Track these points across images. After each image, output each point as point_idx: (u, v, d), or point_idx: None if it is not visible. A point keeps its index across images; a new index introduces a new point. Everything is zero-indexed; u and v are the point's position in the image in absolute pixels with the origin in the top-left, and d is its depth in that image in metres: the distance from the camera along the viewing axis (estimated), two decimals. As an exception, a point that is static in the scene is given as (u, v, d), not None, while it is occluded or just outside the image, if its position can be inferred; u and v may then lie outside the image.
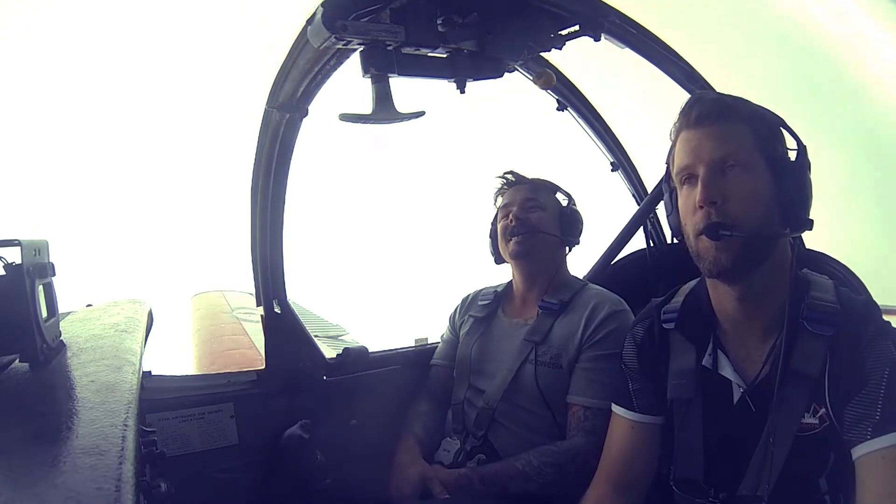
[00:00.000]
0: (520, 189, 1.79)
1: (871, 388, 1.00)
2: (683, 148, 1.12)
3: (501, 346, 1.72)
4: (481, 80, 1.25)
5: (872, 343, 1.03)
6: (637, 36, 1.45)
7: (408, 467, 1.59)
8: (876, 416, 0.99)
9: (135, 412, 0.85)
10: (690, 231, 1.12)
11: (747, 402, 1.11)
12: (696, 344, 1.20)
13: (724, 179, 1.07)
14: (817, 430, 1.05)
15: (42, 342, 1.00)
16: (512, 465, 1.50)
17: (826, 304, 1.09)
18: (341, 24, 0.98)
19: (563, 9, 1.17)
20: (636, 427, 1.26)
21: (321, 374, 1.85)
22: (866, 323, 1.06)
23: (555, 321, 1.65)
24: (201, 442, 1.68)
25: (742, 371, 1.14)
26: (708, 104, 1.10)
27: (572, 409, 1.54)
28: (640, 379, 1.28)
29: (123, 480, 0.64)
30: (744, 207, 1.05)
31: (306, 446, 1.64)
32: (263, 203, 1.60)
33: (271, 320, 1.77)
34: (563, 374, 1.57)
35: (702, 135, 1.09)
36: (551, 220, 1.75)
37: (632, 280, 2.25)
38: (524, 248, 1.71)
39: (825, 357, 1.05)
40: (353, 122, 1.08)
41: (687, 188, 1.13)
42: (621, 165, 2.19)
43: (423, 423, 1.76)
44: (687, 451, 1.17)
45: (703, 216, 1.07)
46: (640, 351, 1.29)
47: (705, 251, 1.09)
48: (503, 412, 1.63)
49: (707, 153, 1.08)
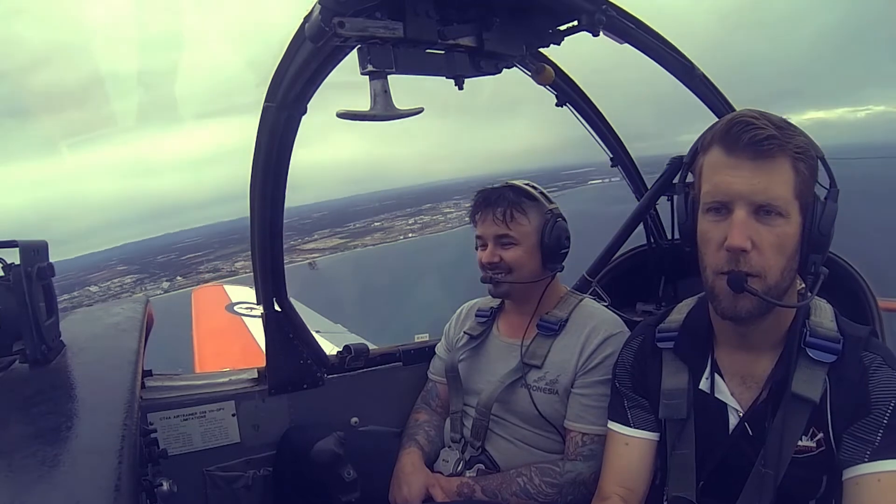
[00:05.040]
0: (492, 219, 1.62)
1: (875, 416, 1.00)
2: (721, 172, 1.03)
3: (496, 366, 1.68)
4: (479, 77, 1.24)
5: (878, 373, 1.03)
6: (635, 31, 1.44)
7: (411, 474, 1.59)
8: (876, 442, 0.99)
9: (135, 412, 0.85)
10: (710, 266, 1.06)
11: (744, 427, 1.12)
12: (692, 365, 1.20)
13: (759, 224, 1.01)
14: (813, 454, 1.05)
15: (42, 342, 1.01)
16: (513, 480, 1.51)
17: (827, 331, 1.08)
18: (339, 20, 0.98)
19: (561, 4, 1.17)
20: (633, 443, 1.26)
21: (322, 372, 1.86)
22: (869, 352, 1.06)
23: (552, 343, 1.61)
24: (203, 440, 1.69)
25: (738, 395, 1.14)
26: (763, 133, 0.99)
27: (570, 435, 1.53)
28: (633, 397, 1.29)
29: (123, 480, 0.64)
30: (772, 259, 1.01)
31: (340, 462, 1.55)
32: (262, 201, 1.60)
33: (272, 318, 1.77)
34: (560, 399, 1.56)
35: (747, 167, 1.00)
36: (528, 250, 1.61)
37: (632, 275, 2.25)
38: (501, 290, 1.64)
39: (825, 383, 1.05)
40: (351, 119, 1.08)
41: (714, 217, 1.05)
42: (620, 161, 2.19)
43: (424, 431, 1.75)
44: (681, 471, 1.17)
45: (729, 260, 1.01)
46: (633, 370, 1.30)
47: (721, 293, 1.05)
48: (500, 426, 1.62)
49: (748, 192, 1.00)
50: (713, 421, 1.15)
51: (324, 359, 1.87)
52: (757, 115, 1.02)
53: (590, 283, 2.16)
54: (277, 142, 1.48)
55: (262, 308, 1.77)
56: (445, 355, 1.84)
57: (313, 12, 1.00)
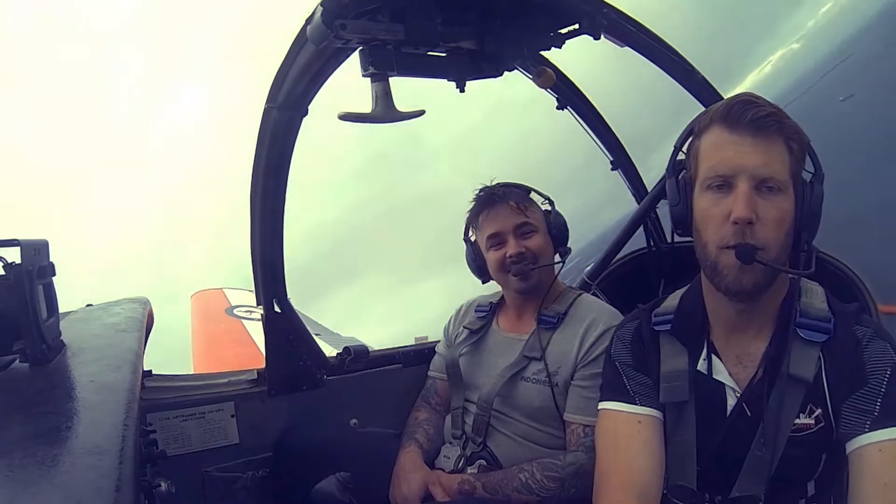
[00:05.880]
0: (508, 211, 1.63)
1: (872, 386, 1.01)
2: (722, 149, 1.05)
3: (496, 361, 1.69)
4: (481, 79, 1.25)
5: (871, 345, 1.04)
6: (636, 34, 1.45)
7: (410, 473, 1.59)
8: (875, 412, 1.00)
9: (135, 412, 0.85)
10: (712, 241, 1.07)
11: (742, 406, 1.12)
12: (689, 347, 1.19)
13: (761, 198, 1.03)
14: (813, 431, 1.06)
15: (42, 342, 1.01)
16: (515, 476, 1.50)
17: (818, 311, 1.10)
18: (341, 23, 0.98)
19: (562, 7, 1.17)
20: (642, 421, 1.18)
21: (321, 373, 1.86)
22: (861, 326, 1.07)
23: (552, 336, 1.62)
24: (202, 441, 1.69)
25: (735, 375, 1.14)
26: (763, 111, 1.03)
27: (571, 427, 1.53)
28: (635, 375, 1.24)
29: (123, 480, 0.64)
30: (774, 232, 1.03)
31: None
32: (263, 202, 1.60)
33: (271, 319, 1.77)
34: (559, 392, 1.56)
35: (748, 143, 1.03)
36: (545, 236, 1.66)
37: (632, 279, 2.25)
38: (531, 283, 1.63)
39: (819, 362, 1.06)
40: (352, 121, 1.08)
41: (715, 194, 1.06)
42: (621, 164, 2.19)
43: (423, 429, 1.75)
44: (680, 457, 1.16)
45: (736, 233, 1.03)
46: (633, 349, 1.27)
47: (727, 268, 1.05)
48: (501, 421, 1.62)
49: (751, 167, 1.02)
50: (711, 403, 1.15)
51: (323, 360, 1.87)
52: (755, 96, 1.07)
53: (590, 286, 2.17)
54: (278, 143, 1.48)
55: (261, 309, 1.77)
56: (445, 352, 1.85)
57: (315, 14, 1.00)
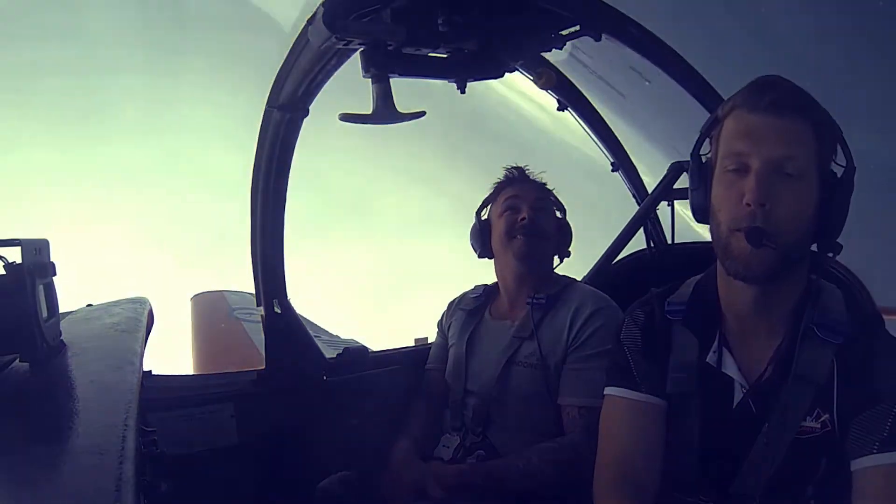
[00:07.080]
0: (530, 186, 1.76)
1: (884, 406, 1.00)
2: (741, 130, 1.03)
3: (489, 348, 1.71)
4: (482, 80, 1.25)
5: (887, 361, 1.03)
6: (637, 36, 1.45)
7: (404, 468, 1.59)
8: (884, 433, 0.98)
9: (135, 412, 0.85)
10: (725, 222, 1.05)
11: (748, 403, 1.10)
12: (700, 339, 1.16)
13: (779, 182, 1.00)
14: (816, 434, 1.04)
15: (42, 342, 1.01)
16: (514, 464, 1.50)
17: (835, 312, 1.08)
18: (342, 23, 0.98)
19: (563, 9, 1.17)
20: (644, 408, 1.15)
21: (321, 374, 1.85)
22: (877, 338, 1.05)
23: (543, 317, 1.63)
24: (202, 442, 1.68)
25: (745, 370, 1.12)
26: (785, 92, 1.01)
27: (566, 410, 1.54)
28: (643, 361, 1.20)
29: (123, 480, 0.64)
30: (790, 219, 1.00)
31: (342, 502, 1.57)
32: (264, 203, 1.61)
33: (271, 320, 1.77)
34: (551, 376, 1.57)
35: (768, 123, 1.00)
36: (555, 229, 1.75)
37: (632, 281, 2.25)
38: (530, 249, 1.68)
39: (832, 365, 1.04)
40: (353, 122, 1.08)
41: (733, 175, 1.04)
42: (622, 166, 2.19)
43: (419, 423, 1.75)
44: (681, 449, 1.14)
45: (748, 215, 1.00)
46: (644, 332, 1.22)
47: (738, 251, 1.03)
48: (498, 411, 1.63)
49: (768, 148, 0.99)
50: (717, 397, 1.12)
51: (323, 361, 1.87)
52: (780, 78, 1.04)
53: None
54: (279, 144, 1.48)
55: (262, 310, 1.77)
56: (441, 343, 1.88)
57: (316, 14, 1.00)
